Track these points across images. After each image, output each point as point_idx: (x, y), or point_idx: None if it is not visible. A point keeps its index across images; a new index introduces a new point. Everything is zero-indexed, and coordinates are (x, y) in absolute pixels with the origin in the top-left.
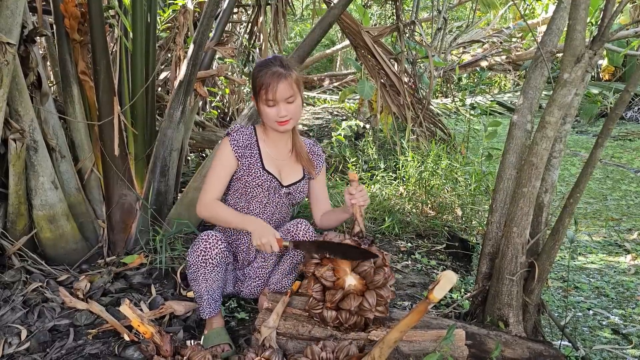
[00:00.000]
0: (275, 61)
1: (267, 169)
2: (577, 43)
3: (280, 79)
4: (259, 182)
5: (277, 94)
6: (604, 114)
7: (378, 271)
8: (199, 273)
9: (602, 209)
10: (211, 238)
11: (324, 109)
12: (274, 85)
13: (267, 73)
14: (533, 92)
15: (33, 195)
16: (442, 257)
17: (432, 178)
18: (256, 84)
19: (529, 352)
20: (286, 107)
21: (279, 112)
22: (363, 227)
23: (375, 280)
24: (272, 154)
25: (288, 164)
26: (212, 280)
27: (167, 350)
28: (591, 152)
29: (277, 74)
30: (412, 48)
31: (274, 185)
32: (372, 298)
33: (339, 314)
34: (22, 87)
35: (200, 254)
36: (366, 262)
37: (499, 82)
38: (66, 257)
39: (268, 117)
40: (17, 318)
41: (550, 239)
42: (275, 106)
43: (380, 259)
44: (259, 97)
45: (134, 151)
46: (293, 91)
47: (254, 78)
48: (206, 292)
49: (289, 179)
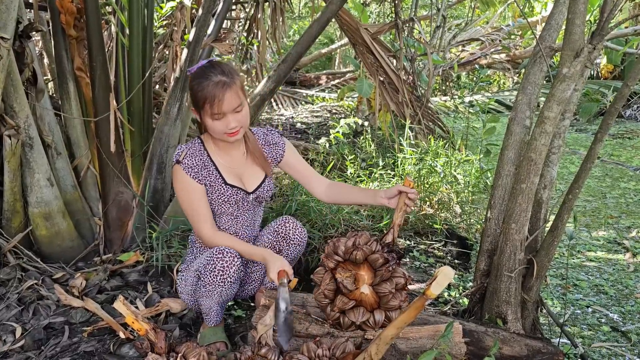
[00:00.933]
0: (214, 69)
1: (230, 183)
2: (576, 37)
3: (225, 89)
4: (225, 199)
5: (224, 106)
6: (602, 113)
7: (396, 295)
8: (214, 292)
9: (601, 207)
10: (227, 256)
11: (323, 107)
12: (219, 97)
13: (210, 84)
14: (532, 88)
15: (28, 192)
16: (440, 254)
17: (431, 175)
18: (198, 97)
19: (527, 349)
20: (235, 118)
21: (227, 124)
22: (396, 237)
23: (390, 304)
24: (228, 164)
25: (247, 167)
26: (227, 296)
27: (162, 348)
28: (590, 147)
29: (220, 84)
30: (411, 46)
31: (241, 196)
32: (380, 317)
33: (341, 317)
34: (17, 83)
35: (219, 274)
36: (388, 284)
37: (498, 80)
38: (62, 254)
39: (216, 130)
40: (12, 316)
41: (549, 235)
42: (223, 118)
43: (402, 282)
44: (202, 111)
45: (130, 148)
46: (240, 99)
47: (194, 91)
48: (217, 304)
49: (252, 183)
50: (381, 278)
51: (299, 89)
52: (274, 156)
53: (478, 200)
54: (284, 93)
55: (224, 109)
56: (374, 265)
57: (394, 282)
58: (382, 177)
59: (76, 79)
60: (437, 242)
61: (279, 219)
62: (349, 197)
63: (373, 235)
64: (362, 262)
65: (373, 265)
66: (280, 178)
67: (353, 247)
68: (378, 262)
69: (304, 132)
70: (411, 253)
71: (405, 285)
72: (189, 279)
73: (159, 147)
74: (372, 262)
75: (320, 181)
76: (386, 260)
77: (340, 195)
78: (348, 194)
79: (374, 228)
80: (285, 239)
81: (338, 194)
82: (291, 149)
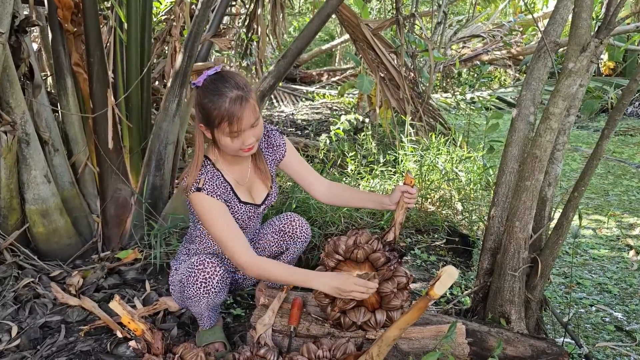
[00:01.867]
0: (226, 82)
1: (244, 201)
2: (582, 32)
3: (244, 106)
4: (239, 216)
5: (243, 124)
6: (604, 109)
7: (398, 295)
8: (200, 302)
9: (604, 205)
10: (208, 267)
11: (323, 103)
12: (237, 115)
13: (226, 101)
14: (536, 84)
15: (25, 189)
16: (442, 252)
17: (432, 172)
18: (212, 116)
19: (532, 350)
20: (252, 133)
21: (244, 141)
22: (397, 235)
23: (392, 304)
24: (238, 179)
25: (254, 179)
26: (214, 302)
27: (159, 348)
28: (597, 143)
29: (238, 100)
30: (412, 42)
31: (252, 211)
32: (382, 317)
33: (342, 318)
34: (13, 79)
35: (201, 286)
36: (390, 284)
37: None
38: (59, 252)
39: (230, 148)
40: (7, 314)
41: (553, 233)
42: (240, 136)
43: (404, 282)
44: (217, 129)
45: (128, 144)
46: (257, 113)
47: (207, 109)
48: (207, 310)
49: (261, 195)
50: (382, 277)
51: (300, 85)
52: (275, 158)
53: (480, 197)
54: (284, 90)
55: (243, 127)
56: (375, 264)
57: (396, 281)
58: (383, 174)
59: (74, 75)
60: (439, 239)
61: (283, 217)
62: (351, 200)
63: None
64: (363, 261)
65: (374, 265)
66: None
67: (354, 245)
68: (379, 261)
69: (304, 129)
70: (413, 251)
71: (407, 285)
72: (176, 285)
73: (158, 144)
74: (373, 262)
75: (320, 182)
76: (387, 259)
77: (341, 197)
78: (350, 197)
79: (374, 225)
80: (293, 237)
81: (339, 196)
82: (292, 149)
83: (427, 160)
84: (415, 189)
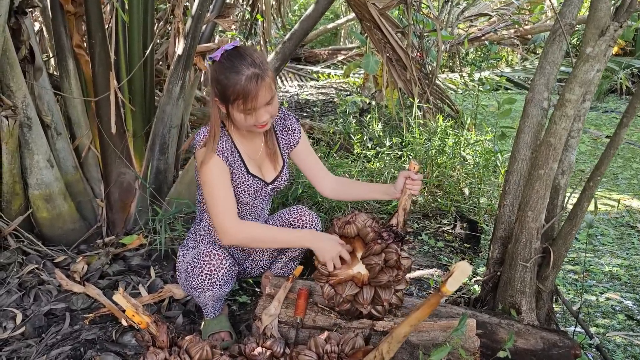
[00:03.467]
0: (243, 59)
1: (252, 173)
2: (601, 14)
3: (260, 83)
4: (245, 188)
5: (258, 102)
6: (613, 90)
7: (386, 270)
8: (205, 293)
9: (613, 188)
10: (214, 259)
11: (328, 83)
12: (253, 93)
13: (242, 79)
14: (550, 68)
15: (28, 174)
16: (449, 238)
17: (440, 156)
18: (228, 92)
19: (543, 343)
20: (266, 110)
21: (258, 118)
22: (402, 221)
23: (378, 278)
24: (250, 153)
25: (265, 157)
26: (219, 294)
27: (164, 341)
28: (615, 131)
29: (254, 78)
30: (420, 21)
31: (260, 186)
32: (368, 294)
33: (335, 296)
34: (13, 61)
35: (206, 278)
36: (376, 257)
37: (506, 56)
38: (64, 237)
39: (244, 124)
40: (12, 301)
41: (567, 223)
42: (255, 113)
43: (393, 258)
44: (232, 105)
45: (132, 128)
46: (272, 91)
47: (222, 85)
48: (211, 300)
49: (271, 174)
50: (370, 252)
51: (304, 65)
52: (289, 143)
53: (487, 182)
54: (289, 69)
55: (257, 105)
56: (365, 239)
57: (383, 256)
58: (390, 157)
59: (75, 57)
60: (447, 224)
61: (293, 211)
62: (358, 194)
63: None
64: (355, 237)
65: (364, 240)
66: None
67: (346, 222)
68: (369, 236)
69: (310, 109)
70: (420, 236)
71: (398, 263)
72: (182, 272)
73: (162, 127)
74: (363, 237)
75: (327, 177)
76: (379, 236)
77: (348, 192)
78: (356, 191)
79: (381, 211)
80: (301, 223)
81: (345, 191)
82: (305, 139)
83: (434, 144)
84: (418, 176)
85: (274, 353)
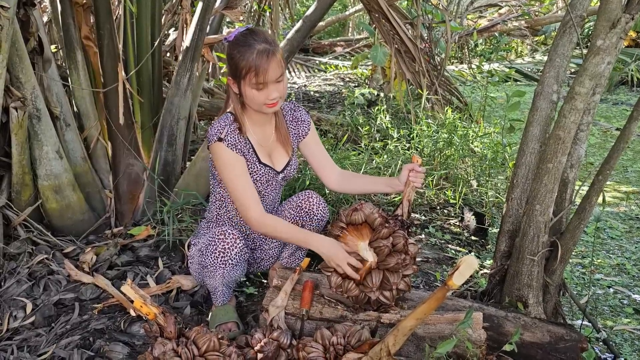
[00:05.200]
0: (256, 36)
1: (263, 162)
2: (613, 6)
3: (270, 57)
4: (257, 177)
5: (269, 76)
6: (623, 82)
7: (394, 254)
8: (216, 273)
9: (622, 181)
10: (229, 237)
11: (336, 74)
12: (264, 66)
13: (254, 53)
14: (560, 60)
15: (37, 165)
16: (456, 231)
17: (448, 148)
18: (240, 66)
19: (550, 336)
20: (276, 87)
21: (269, 94)
22: (406, 212)
23: (387, 260)
24: (260, 141)
25: (275, 145)
26: (230, 278)
27: (172, 332)
28: (625, 125)
29: (265, 52)
30: (429, 12)
31: (271, 175)
32: (377, 277)
33: (343, 282)
34: (22, 53)
35: (219, 256)
36: (384, 240)
37: (515, 47)
38: (73, 227)
39: (255, 101)
40: (22, 291)
41: (575, 217)
42: (265, 89)
43: (401, 242)
44: (244, 80)
45: (140, 120)
46: (282, 68)
47: (235, 60)
48: (222, 285)
49: (281, 162)
50: (379, 235)
51: (312, 56)
52: (298, 133)
53: (495, 174)
54: (297, 60)
55: (268, 79)
56: (372, 225)
57: (391, 240)
58: (398, 150)
59: (84, 48)
60: (454, 217)
61: (302, 194)
62: (363, 186)
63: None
64: (362, 224)
65: (371, 226)
66: None
67: (353, 210)
68: (376, 221)
69: (317, 101)
70: (426, 229)
71: (406, 247)
72: (195, 257)
73: (170, 119)
74: (370, 223)
75: (334, 169)
76: (385, 220)
77: (353, 184)
78: (361, 183)
79: (388, 202)
80: (309, 214)
81: (350, 183)
82: (314, 131)
83: (442, 136)
84: (422, 168)
85: (280, 344)
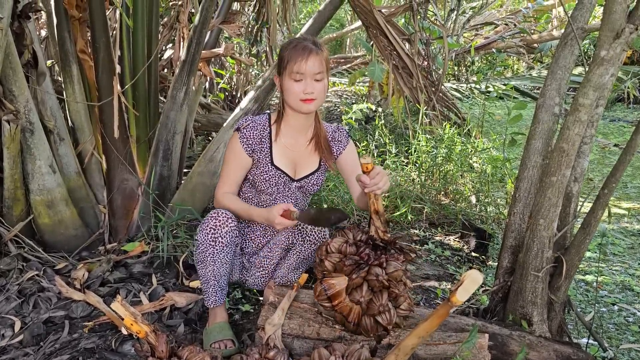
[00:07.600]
0: (306, 39)
1: (276, 165)
2: (617, 17)
3: (311, 52)
4: (266, 178)
5: (307, 67)
6: (620, 99)
7: (375, 299)
8: (207, 253)
9: (623, 197)
10: (221, 216)
11: (333, 91)
12: (303, 57)
13: (297, 47)
14: (562, 72)
15: (30, 180)
16: (457, 247)
17: (446, 164)
18: (283, 57)
19: (556, 355)
20: (313, 85)
21: (305, 87)
22: (379, 226)
23: (370, 308)
24: (289, 145)
25: (304, 154)
26: (220, 263)
27: (163, 352)
28: (630, 137)
29: (308, 48)
30: (426, 29)
31: (283, 180)
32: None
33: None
34: (16, 66)
35: (210, 232)
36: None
37: (512, 65)
38: (65, 243)
39: (292, 93)
40: (11, 308)
41: (580, 232)
42: (303, 81)
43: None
44: (285, 71)
45: (135, 134)
46: (322, 68)
47: (281, 53)
48: (213, 276)
49: (303, 171)
50: (352, 287)
51: None
52: (333, 151)
53: (495, 189)
54: None
55: (306, 69)
56: (345, 274)
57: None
58: (396, 165)
59: (79, 62)
60: (454, 233)
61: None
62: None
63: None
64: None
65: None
66: None
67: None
68: (344, 270)
69: None
70: (426, 245)
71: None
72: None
73: (165, 133)
74: (340, 272)
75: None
76: (356, 264)
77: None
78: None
79: (388, 219)
80: (301, 233)
81: (361, 201)
82: (352, 150)
83: (441, 152)
84: (374, 171)
85: None
